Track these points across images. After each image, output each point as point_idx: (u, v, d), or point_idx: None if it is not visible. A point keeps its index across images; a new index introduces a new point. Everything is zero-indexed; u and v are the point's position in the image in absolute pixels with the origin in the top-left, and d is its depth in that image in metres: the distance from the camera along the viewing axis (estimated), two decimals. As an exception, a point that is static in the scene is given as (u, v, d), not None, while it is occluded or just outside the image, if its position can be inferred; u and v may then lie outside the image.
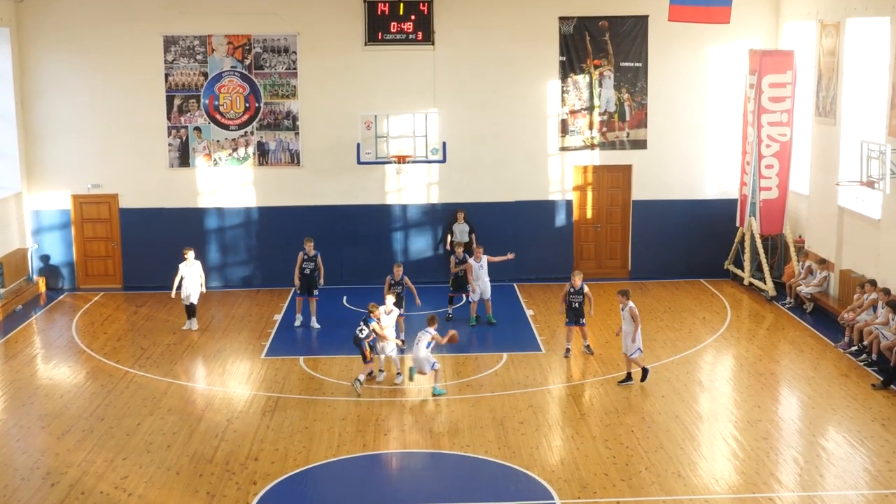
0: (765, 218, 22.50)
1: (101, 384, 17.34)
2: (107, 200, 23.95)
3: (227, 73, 23.60)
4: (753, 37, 23.66)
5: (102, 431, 15.20)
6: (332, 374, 17.70)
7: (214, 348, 19.39)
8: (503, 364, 18.11)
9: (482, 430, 15.06)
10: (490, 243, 23.48)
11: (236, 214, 24.03)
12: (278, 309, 22.09)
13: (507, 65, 23.75)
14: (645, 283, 23.89)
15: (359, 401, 16.28)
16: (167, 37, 23.41)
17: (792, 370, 17.83)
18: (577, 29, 23.63)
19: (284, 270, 23.30)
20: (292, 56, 23.58)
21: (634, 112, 23.97)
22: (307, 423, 15.45)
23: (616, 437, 14.74)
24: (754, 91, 22.15)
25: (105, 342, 19.86)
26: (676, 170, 24.19)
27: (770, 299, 22.11)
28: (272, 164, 23.93)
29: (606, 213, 24.63)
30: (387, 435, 14.95)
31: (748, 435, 14.78)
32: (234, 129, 23.77)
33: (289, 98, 23.71)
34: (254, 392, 16.95)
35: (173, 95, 23.59)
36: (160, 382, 17.44)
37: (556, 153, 24.12)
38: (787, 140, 22.25)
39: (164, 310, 22.06)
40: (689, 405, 16.02)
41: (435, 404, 16.12)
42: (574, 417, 15.59)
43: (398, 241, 24.19)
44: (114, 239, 24.12)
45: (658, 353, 18.64)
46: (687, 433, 14.88)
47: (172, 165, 23.81)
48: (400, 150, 22.99)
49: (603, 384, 16.97)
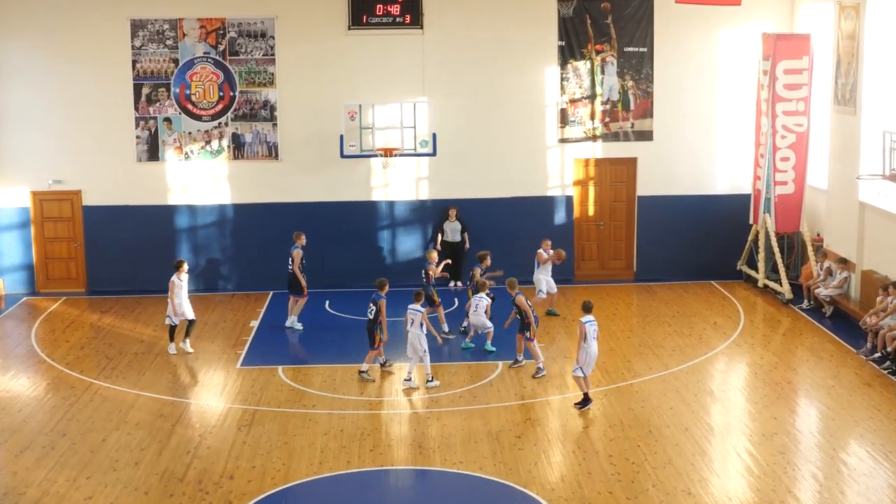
0: (780, 215, 22.50)
1: (63, 397, 17.23)
2: (69, 197, 23.84)
3: (200, 59, 23.51)
4: (767, 19, 23.66)
5: (64, 448, 15.09)
6: (314, 384, 17.63)
7: (186, 357, 19.29)
8: (498, 373, 18.06)
9: (476, 444, 15.01)
10: (484, 243, 23.43)
11: (209, 212, 23.95)
12: (255, 315, 22.01)
13: (501, 50, 23.71)
14: (651, 285, 23.87)
15: (343, 414, 16.22)
16: (134, 20, 23.31)
17: (810, 379, 17.82)
18: (577, 11, 23.60)
19: (261, 273, 23.26)
20: (270, 41, 23.50)
21: (639, 101, 23.96)
22: (286, 438, 15.38)
23: (621, 452, 14.69)
24: (768, 78, 22.14)
25: (67, 351, 19.75)
26: (685, 163, 24.18)
27: (786, 302, 22.11)
28: (248, 158, 23.85)
29: (610, 209, 24.61)
30: (373, 450, 14.89)
31: (763, 449, 14.75)
32: (206, 121, 23.68)
33: (266, 86, 23.63)
34: (229, 405, 16.87)
35: (141, 84, 23.50)
36: (127, 395, 17.33)
37: (555, 145, 24.09)
38: (803, 130, 22.25)
39: (130, 316, 21.96)
40: (699, 417, 15.99)
41: (424, 417, 16.05)
42: (575, 431, 15.55)
43: (385, 240, 24.14)
44: (76, 239, 24.01)
45: (666, 360, 18.62)
46: (697, 447, 14.85)
47: (140, 159, 23.72)
48: (386, 142, 22.95)
49: (606, 395, 16.93)
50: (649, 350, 19.27)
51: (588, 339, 16.09)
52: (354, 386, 17.49)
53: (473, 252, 23.39)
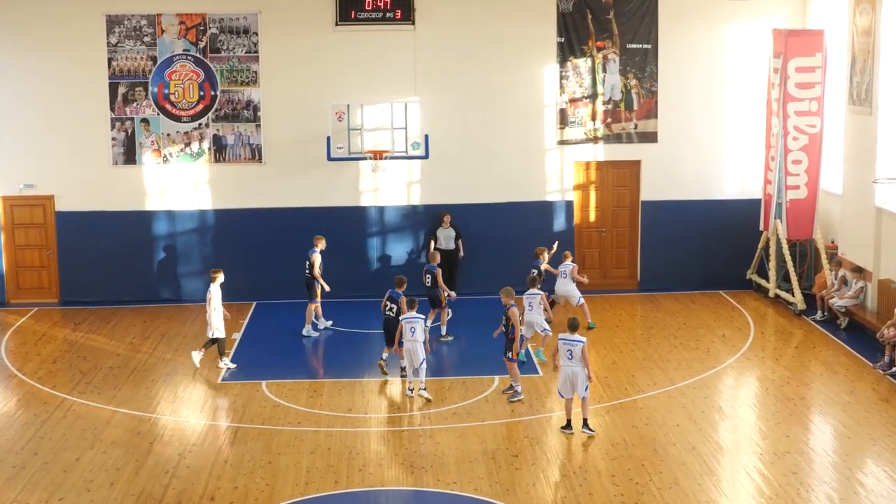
0: (792, 221, 22.53)
1: (35, 413, 17.18)
2: (41, 203, 23.81)
3: (179, 57, 23.51)
4: (778, 14, 23.74)
5: (36, 467, 15.04)
6: (300, 400, 17.61)
7: (164, 371, 19.26)
8: (494, 389, 18.04)
9: (471, 464, 14.99)
10: (479, 251, 23.53)
11: (189, 218, 23.93)
12: (237, 326, 21.98)
13: (497, 47, 23.74)
14: (656, 295, 23.88)
15: (330, 431, 16.20)
16: (110, 16, 23.32)
17: (824, 394, 17.82)
18: (577, 6, 23.64)
19: (244, 282, 23.22)
20: (253, 38, 23.52)
21: (643, 100, 24.00)
22: (270, 457, 15.34)
23: (624, 471, 14.68)
24: (779, 76, 22.18)
25: (39, 365, 19.71)
26: (691, 166, 24.22)
27: (799, 313, 22.14)
28: (230, 161, 23.84)
29: (612, 215, 24.63)
30: (362, 470, 14.86)
31: (775, 469, 14.74)
32: (186, 121, 23.68)
33: (249, 85, 23.64)
34: (209, 422, 16.84)
35: (117, 83, 23.49)
36: (102, 411, 17.29)
37: (554, 147, 24.12)
38: (816, 132, 22.29)
39: (106, 328, 21.92)
40: (707, 435, 15.98)
41: (416, 435, 16.02)
42: (576, 449, 15.54)
43: (374, 248, 24.13)
44: (49, 247, 23.98)
45: (672, 375, 18.62)
46: (705, 467, 14.84)
47: (116, 162, 23.70)
48: (376, 144, 22.97)
49: (608, 411, 16.92)
50: (654, 364, 19.27)
51: (561, 359, 15.97)
52: (342, 402, 17.47)
53: (468, 260, 23.46)
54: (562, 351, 15.89)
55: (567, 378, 15.88)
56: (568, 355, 15.83)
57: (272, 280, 23.30)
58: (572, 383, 15.86)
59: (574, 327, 15.99)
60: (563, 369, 15.92)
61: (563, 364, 15.90)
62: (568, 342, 15.87)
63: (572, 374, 15.83)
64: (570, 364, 15.84)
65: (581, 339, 15.87)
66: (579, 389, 15.88)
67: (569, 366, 15.85)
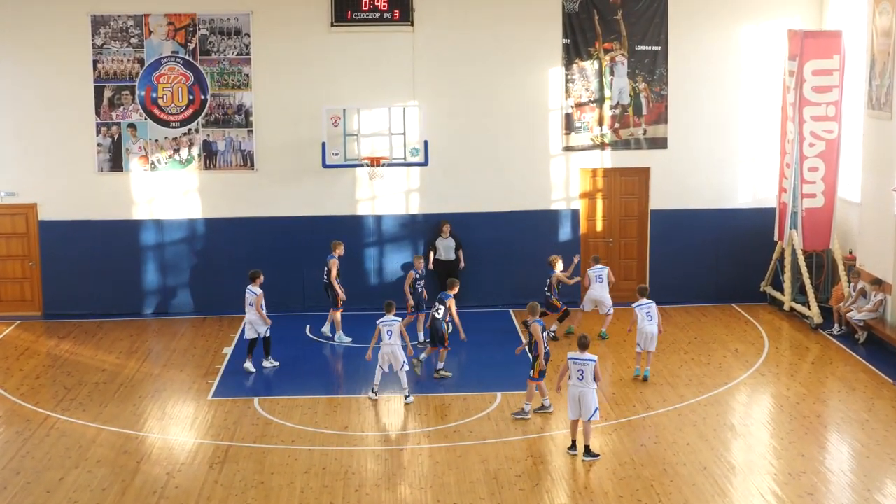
0: (808, 231, 22.60)
1: (17, 431, 17.23)
2: (23, 211, 23.90)
3: (168, 59, 23.63)
4: (793, 15, 23.83)
5: (18, 487, 15.09)
6: (293, 418, 17.66)
7: (152, 388, 19.32)
8: (497, 406, 18.10)
9: (472, 484, 15.04)
10: (480, 261, 23.59)
11: (178, 228, 24.01)
12: (228, 341, 22.05)
13: (500, 49, 23.84)
14: (666, 308, 23.89)
15: (325, 450, 16.26)
16: (96, 16, 23.42)
17: (842, 412, 17.88)
18: (583, 6, 23.75)
19: (235, 294, 23.27)
20: (245, 39, 23.63)
21: (652, 105, 24.09)
22: (263, 476, 15.40)
23: (632, 492, 14.74)
24: (795, 80, 22.27)
25: (21, 380, 19.77)
26: (703, 173, 24.30)
27: (815, 327, 22.20)
28: (221, 168, 23.94)
29: (620, 225, 24.71)
30: (358, 491, 14.91)
31: (790, 490, 14.79)
32: (175, 126, 23.78)
33: (240, 89, 23.75)
34: (199, 440, 16.88)
35: (103, 86, 23.60)
36: (88, 429, 17.34)
37: (559, 154, 24.21)
38: (834, 138, 22.37)
39: (91, 342, 21.99)
40: (719, 454, 16.04)
41: (415, 454, 16.07)
42: (582, 469, 15.58)
43: (371, 259, 24.21)
44: (32, 257, 24.07)
45: (682, 391, 18.68)
46: (717, 488, 14.90)
47: (102, 169, 23.79)
48: (373, 150, 23.03)
49: (616, 429, 16.99)
50: (663, 380, 19.33)
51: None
52: (338, 419, 17.54)
53: (469, 272, 23.52)
54: (572, 371, 15.81)
55: (574, 399, 15.83)
56: (579, 375, 15.76)
57: (265, 292, 23.37)
58: (579, 404, 15.85)
59: (585, 346, 15.92)
60: (571, 389, 15.88)
61: (572, 384, 15.86)
62: (578, 361, 15.80)
63: (580, 394, 15.76)
64: (580, 385, 15.75)
65: (593, 359, 15.78)
66: (584, 413, 15.76)
67: (577, 386, 15.78)
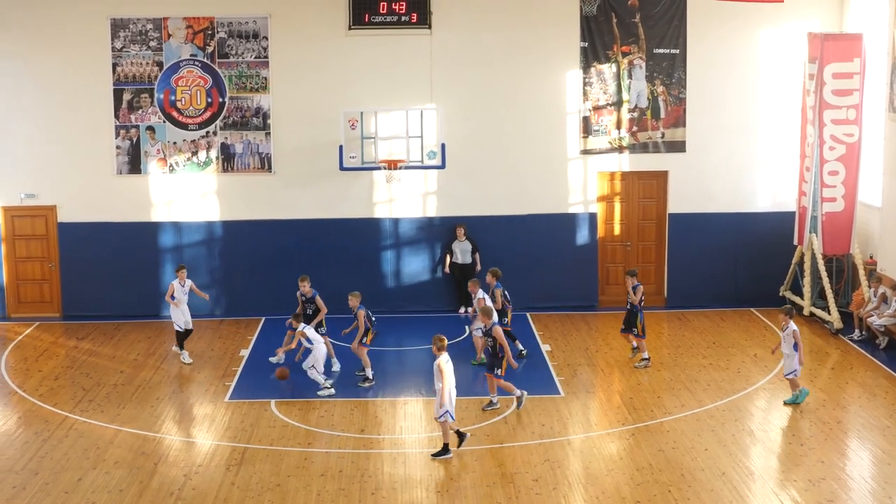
0: (828, 235, 22.50)
1: (36, 432, 17.29)
2: (43, 213, 23.99)
3: (186, 62, 23.68)
4: (813, 18, 23.74)
5: (37, 488, 15.13)
6: (310, 420, 17.67)
7: (169, 390, 19.37)
8: (513, 410, 18.07)
9: (489, 488, 15.02)
10: (497, 264, 23.47)
11: (196, 230, 24.06)
12: (245, 343, 22.09)
13: (518, 52, 23.83)
14: (684, 312, 23.87)
15: (341, 452, 16.25)
16: (115, 19, 23.50)
17: (862, 418, 17.79)
18: (601, 9, 23.71)
19: (252, 297, 23.37)
20: (263, 42, 23.67)
21: (671, 108, 24.04)
22: (279, 479, 15.40)
23: (650, 498, 14.69)
24: (815, 83, 22.19)
25: (40, 381, 19.83)
26: (721, 177, 24.23)
27: (835, 332, 22.10)
28: (239, 171, 23.98)
29: (638, 228, 24.66)
30: (374, 494, 14.90)
31: (810, 497, 14.71)
32: (193, 129, 23.83)
33: (258, 92, 23.78)
34: (216, 442, 16.91)
35: (122, 89, 23.67)
36: (105, 430, 17.39)
37: (576, 157, 24.17)
38: (854, 141, 22.28)
39: (110, 343, 22.05)
40: (737, 460, 15.98)
41: (431, 457, 16.06)
42: (599, 474, 15.54)
43: (388, 262, 24.21)
44: (51, 259, 24.15)
45: (700, 396, 18.62)
46: (735, 494, 14.83)
47: (121, 172, 23.86)
48: (390, 153, 23.02)
49: (634, 434, 16.93)
50: (681, 385, 19.28)
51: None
52: (354, 422, 17.53)
53: (484, 274, 23.48)
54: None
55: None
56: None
57: (282, 295, 23.32)
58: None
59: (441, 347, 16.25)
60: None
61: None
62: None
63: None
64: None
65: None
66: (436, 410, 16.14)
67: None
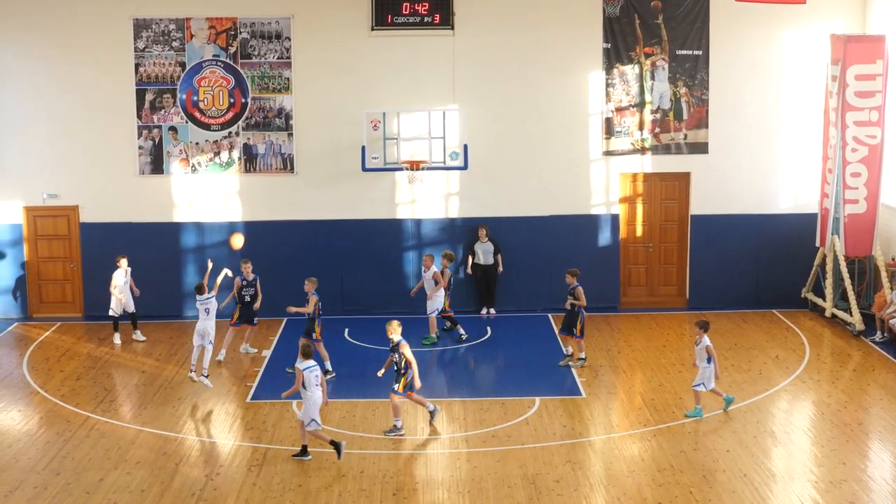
0: (850, 236, 22.43)
1: (57, 432, 17.37)
2: (65, 213, 24.10)
3: (209, 62, 23.76)
4: (836, 19, 23.66)
5: (58, 488, 15.21)
6: (332, 421, 17.69)
7: (191, 390, 19.42)
8: (535, 411, 18.08)
9: (510, 489, 15.03)
10: (519, 266, 23.59)
11: (218, 230, 24.12)
12: (267, 344, 22.14)
13: (540, 53, 23.82)
14: (706, 313, 23.81)
15: (363, 453, 16.28)
16: (138, 20, 23.60)
17: (884, 420, 17.73)
18: (624, 10, 23.69)
19: (274, 297, 23.38)
20: (285, 43, 23.72)
21: (693, 109, 23.99)
22: (301, 479, 15.45)
23: (671, 499, 14.67)
24: (837, 84, 22.12)
25: (62, 382, 19.93)
26: (744, 179, 24.17)
27: (857, 334, 22.03)
28: (261, 171, 24.04)
29: (660, 230, 24.62)
30: (396, 495, 14.93)
31: (831, 498, 14.68)
32: (216, 130, 23.91)
33: (281, 92, 23.84)
34: (238, 442, 16.97)
35: (145, 89, 23.76)
36: (127, 430, 17.46)
37: (599, 158, 24.15)
38: (877, 143, 22.21)
39: (132, 344, 22.13)
40: (759, 461, 15.95)
41: (453, 458, 16.08)
42: (620, 475, 15.54)
43: (410, 263, 24.23)
44: (73, 259, 24.25)
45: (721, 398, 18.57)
46: (757, 495, 14.81)
47: (143, 172, 23.95)
48: (413, 154, 23.05)
49: (655, 435, 16.91)
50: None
51: (309, 386, 15.94)
52: (376, 423, 17.56)
53: (508, 276, 23.51)
54: (311, 379, 15.92)
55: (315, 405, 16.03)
56: (316, 381, 15.97)
57: (303, 295, 23.40)
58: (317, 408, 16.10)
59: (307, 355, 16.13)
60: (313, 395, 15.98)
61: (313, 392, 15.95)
62: (311, 369, 15.98)
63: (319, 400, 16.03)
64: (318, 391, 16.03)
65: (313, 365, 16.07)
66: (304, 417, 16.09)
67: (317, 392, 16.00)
